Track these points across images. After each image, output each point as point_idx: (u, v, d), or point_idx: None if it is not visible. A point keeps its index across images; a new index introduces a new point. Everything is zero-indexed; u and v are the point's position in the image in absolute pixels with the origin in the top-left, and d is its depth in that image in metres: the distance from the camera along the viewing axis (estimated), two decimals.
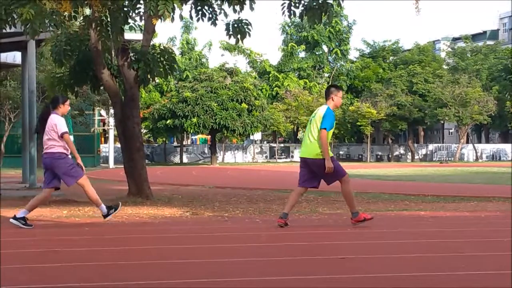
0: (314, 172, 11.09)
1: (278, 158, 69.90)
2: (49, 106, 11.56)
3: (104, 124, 55.89)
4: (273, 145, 73.09)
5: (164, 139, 69.82)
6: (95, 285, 6.56)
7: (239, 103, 54.44)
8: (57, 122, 11.24)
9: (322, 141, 10.86)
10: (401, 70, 72.01)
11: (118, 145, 52.16)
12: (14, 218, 11.30)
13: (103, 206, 11.60)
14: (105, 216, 11.57)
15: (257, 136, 71.14)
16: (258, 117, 55.34)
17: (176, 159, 65.94)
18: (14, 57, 26.56)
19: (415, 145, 75.53)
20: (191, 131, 57.26)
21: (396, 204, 15.95)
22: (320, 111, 11.12)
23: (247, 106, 54.66)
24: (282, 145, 74.77)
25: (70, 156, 11.46)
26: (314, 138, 10.99)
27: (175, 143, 72.17)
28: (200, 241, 9.88)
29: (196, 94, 54.11)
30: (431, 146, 76.71)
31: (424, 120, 70.03)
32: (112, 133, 51.62)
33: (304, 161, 11.21)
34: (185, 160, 65.59)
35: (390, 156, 72.27)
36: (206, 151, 67.38)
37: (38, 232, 10.78)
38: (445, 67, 76.80)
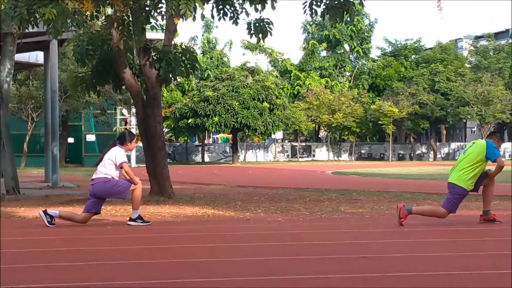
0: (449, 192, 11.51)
1: (300, 157, 69.80)
2: (116, 140, 11.72)
3: (126, 123, 56.02)
4: (294, 144, 72.99)
5: (185, 138, 69.95)
6: (118, 284, 6.57)
7: (260, 102, 54.42)
8: (118, 153, 11.42)
9: (501, 166, 11.30)
10: (423, 69, 71.65)
11: (140, 144, 52.39)
12: (44, 212, 11.42)
13: (137, 212, 11.62)
14: (131, 220, 11.59)
15: (279, 135, 71.07)
16: (280, 116, 55.30)
17: (198, 158, 66.03)
18: (37, 56, 26.71)
19: (437, 144, 75.16)
20: (213, 130, 57.33)
21: (419, 203, 15.86)
22: (480, 143, 11.42)
23: (268, 105, 54.64)
24: (303, 144, 74.64)
25: (115, 178, 11.49)
26: (463, 168, 11.27)
27: (197, 142, 72.32)
28: (222, 240, 9.88)
29: (218, 93, 54.16)
30: (453, 145, 76.25)
31: (446, 118, 69.65)
32: (134, 132, 51.77)
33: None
34: (206, 159, 65.67)
35: (412, 155, 71.95)
36: (227, 150, 67.42)
37: (61, 231, 10.83)
38: (467, 65, 76.31)
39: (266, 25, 15.28)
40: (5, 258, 7.97)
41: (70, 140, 53.54)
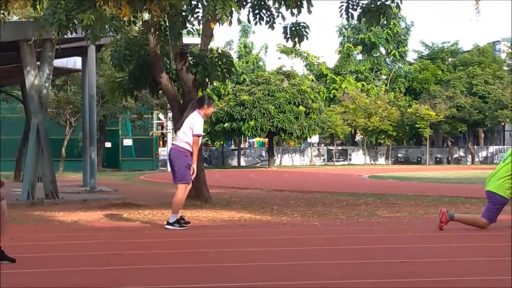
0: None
1: (336, 161, 69.61)
2: (195, 103, 11.90)
3: (162, 127, 56.32)
4: (330, 148, 72.79)
5: (221, 142, 70.08)
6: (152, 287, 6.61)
7: (296, 106, 54.35)
8: (196, 121, 11.57)
9: None
10: (461, 72, 71.05)
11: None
12: (168, 223, 11.57)
13: (175, 216, 11.66)
14: (168, 223, 11.68)
15: (315, 139, 70.85)
16: (316, 119, 55.17)
17: (234, 162, 66.13)
18: (75, 62, 26.93)
19: (475, 147, 74.48)
20: (249, 134, 57.38)
21: (457, 207, 15.75)
22: None
23: (304, 109, 54.54)
24: (339, 147, 74.42)
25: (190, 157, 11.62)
26: (503, 177, 11.14)
27: (233, 146, 72.41)
28: (259, 245, 9.89)
29: (254, 97, 54.19)
30: (491, 148, 75.53)
31: (484, 122, 68.96)
32: (170, 136, 52.00)
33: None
34: (242, 163, 65.73)
35: (449, 158, 71.40)
36: (263, 154, 67.42)
37: (100, 235, 10.91)
38: (505, 68, 75.52)
39: (302, 29, 15.26)
40: (42, 262, 8.05)
41: (108, 144, 53.89)
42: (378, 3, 15.31)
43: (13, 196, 18.28)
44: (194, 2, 14.69)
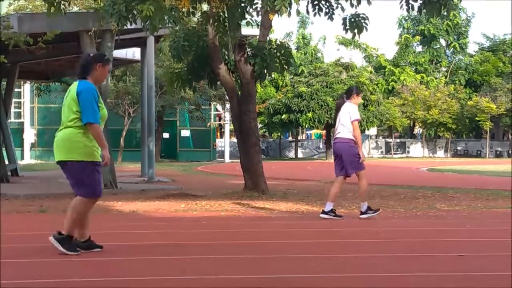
0: None
1: (394, 154, 69.09)
2: (343, 96, 12.06)
3: (220, 119, 56.52)
4: (388, 140, 72.30)
5: (279, 134, 70.15)
6: (215, 278, 6.62)
7: None
8: (351, 109, 11.73)
9: None
10: None
11: (234, 139, 52.55)
12: (323, 212, 11.77)
13: (365, 204, 11.94)
14: (361, 213, 11.93)
15: (373, 131, 70.47)
16: (374, 112, 54.84)
17: (291, 154, 66.08)
18: (134, 53, 27.17)
19: None
20: (306, 126, 57.26)
21: None
22: None
23: (362, 101, 54.21)
24: (398, 140, 73.85)
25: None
26: None
27: (290, 138, 72.37)
28: (316, 236, 9.85)
29: (311, 89, 54.07)
30: None
31: None
32: (228, 128, 52.16)
33: None
34: (300, 155, 65.64)
35: (510, 152, 70.29)
36: (321, 146, 67.24)
37: (158, 225, 10.99)
38: None
39: (362, 21, 15.15)
40: (102, 252, 8.13)
41: (165, 135, 54.27)
42: None
43: None
44: None
